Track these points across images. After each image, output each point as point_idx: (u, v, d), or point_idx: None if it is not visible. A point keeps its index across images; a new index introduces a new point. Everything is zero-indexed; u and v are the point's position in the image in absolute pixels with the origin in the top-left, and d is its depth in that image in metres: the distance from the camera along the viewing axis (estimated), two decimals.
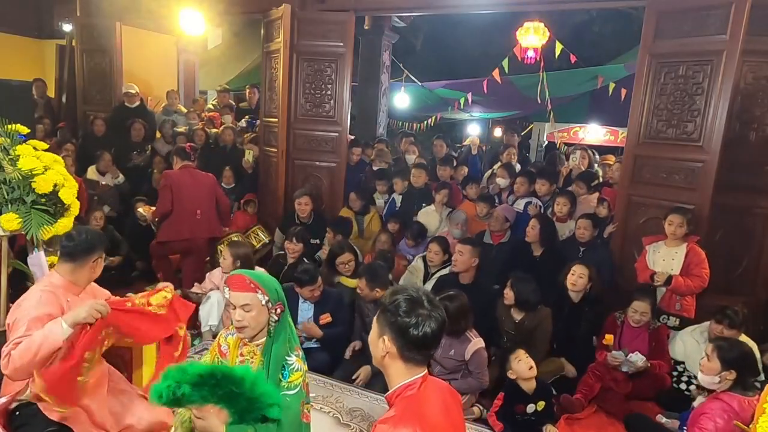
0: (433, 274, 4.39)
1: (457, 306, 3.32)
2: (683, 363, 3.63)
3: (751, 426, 2.25)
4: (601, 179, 5.63)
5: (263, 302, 1.98)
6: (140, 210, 5.33)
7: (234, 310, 1.99)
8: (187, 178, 4.81)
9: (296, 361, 2.03)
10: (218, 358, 2.17)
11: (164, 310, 2.46)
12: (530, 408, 3.15)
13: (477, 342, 3.40)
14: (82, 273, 2.44)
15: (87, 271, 2.45)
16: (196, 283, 4.42)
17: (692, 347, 3.53)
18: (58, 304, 2.31)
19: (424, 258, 4.50)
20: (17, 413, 2.31)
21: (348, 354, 3.87)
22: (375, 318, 1.63)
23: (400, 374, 1.58)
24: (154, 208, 5.13)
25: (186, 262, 4.98)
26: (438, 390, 1.64)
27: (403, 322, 1.53)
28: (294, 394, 1.97)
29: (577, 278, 3.77)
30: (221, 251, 4.27)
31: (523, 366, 3.14)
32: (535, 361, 3.22)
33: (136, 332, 2.36)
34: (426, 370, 1.63)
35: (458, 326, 3.38)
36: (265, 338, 2.05)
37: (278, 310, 2.02)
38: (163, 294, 2.51)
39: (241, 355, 2.10)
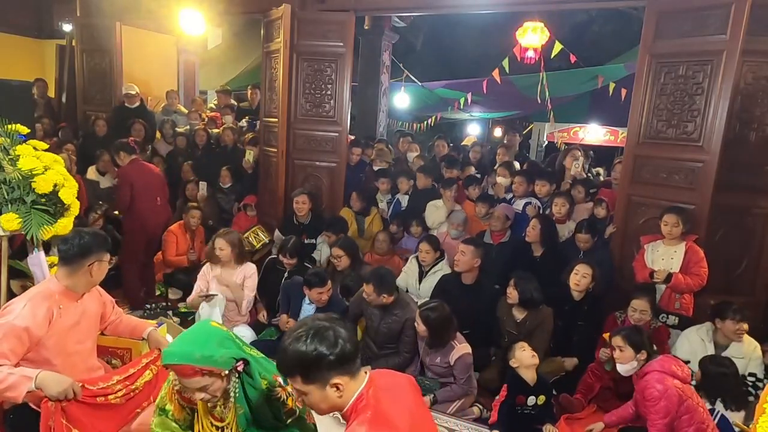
0: (428, 272, 4.39)
1: (437, 317, 3.31)
2: (689, 362, 3.62)
3: (751, 426, 2.25)
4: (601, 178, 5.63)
5: (222, 377, 1.84)
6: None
7: (196, 393, 1.83)
8: (141, 170, 4.96)
9: (281, 391, 1.97)
10: (179, 401, 2.03)
11: (140, 388, 2.40)
12: (531, 400, 3.17)
13: (461, 348, 3.40)
14: (78, 278, 2.34)
15: (84, 275, 2.35)
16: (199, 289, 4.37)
17: (698, 346, 3.52)
18: (46, 315, 2.23)
19: (417, 258, 4.49)
20: (11, 416, 2.31)
21: None
22: (300, 386, 1.58)
23: (352, 390, 1.61)
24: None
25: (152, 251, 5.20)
26: (387, 386, 1.67)
27: (338, 354, 1.54)
28: (300, 417, 1.96)
29: (581, 278, 3.77)
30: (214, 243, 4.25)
31: (526, 354, 3.17)
32: None
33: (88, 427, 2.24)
34: (367, 373, 1.66)
35: (441, 338, 3.38)
36: (233, 390, 1.91)
37: (240, 368, 1.87)
38: (149, 373, 2.44)
39: (213, 417, 1.96)
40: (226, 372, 1.82)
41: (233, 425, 1.92)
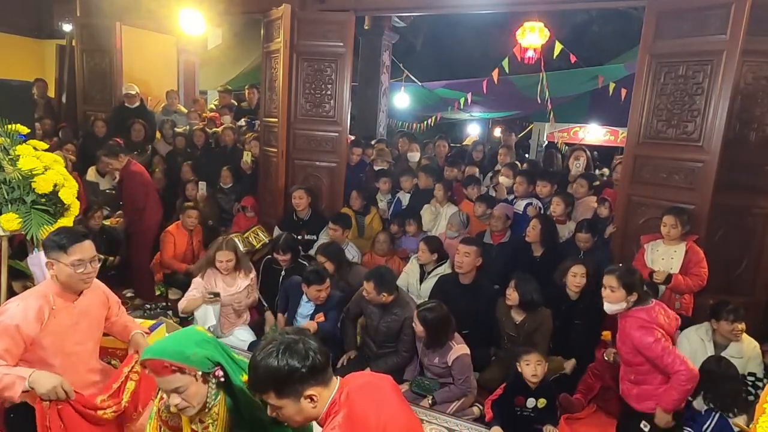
0: (429, 273, 4.38)
1: (435, 317, 3.31)
2: None
3: (751, 426, 2.25)
4: (604, 177, 5.64)
5: (196, 377, 1.76)
6: (106, 222, 5.32)
7: (170, 397, 1.75)
8: (143, 170, 5.12)
9: None
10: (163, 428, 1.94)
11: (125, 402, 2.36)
12: (530, 402, 3.16)
13: (458, 349, 3.39)
14: (54, 276, 2.30)
15: (52, 273, 2.29)
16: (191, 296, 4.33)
17: (697, 345, 3.50)
18: (38, 314, 2.21)
19: (418, 258, 4.47)
20: (12, 415, 2.30)
21: (340, 364, 3.82)
22: (274, 401, 1.57)
23: (326, 398, 1.63)
24: (117, 218, 5.35)
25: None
26: (360, 386, 1.69)
27: (309, 366, 1.56)
28: None
29: (579, 279, 3.77)
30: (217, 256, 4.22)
31: (529, 370, 3.14)
32: None
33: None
34: (338, 378, 1.68)
35: (438, 339, 3.38)
36: (217, 399, 1.83)
37: (219, 374, 1.79)
38: (132, 384, 2.40)
39: (201, 421, 1.85)
40: (200, 373, 1.76)
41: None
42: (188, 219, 5.15)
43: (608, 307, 2.96)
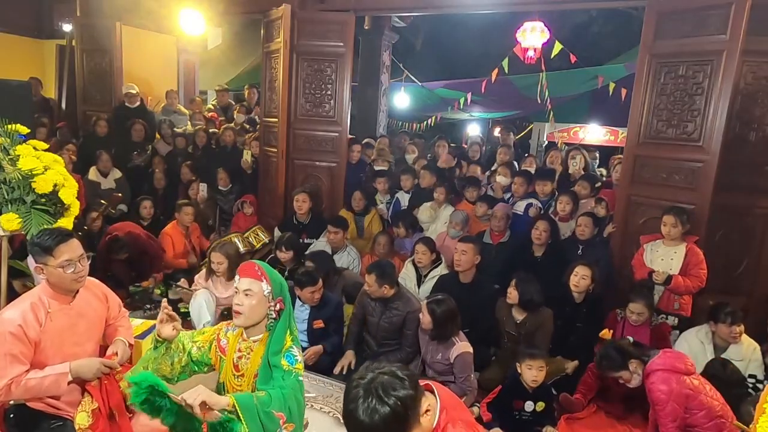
0: (426, 275, 4.33)
1: (444, 310, 3.31)
2: None
3: (751, 426, 2.25)
4: (604, 179, 5.65)
5: (265, 292, 2.02)
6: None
7: (236, 296, 2.04)
8: (139, 230, 5.07)
9: (299, 354, 2.08)
10: (218, 353, 2.19)
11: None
12: (529, 406, 3.15)
13: (461, 346, 3.39)
14: (46, 279, 2.26)
15: (42, 277, 2.27)
16: (183, 279, 4.50)
17: (697, 348, 3.49)
18: (35, 316, 2.19)
19: (413, 262, 4.41)
20: (12, 415, 2.30)
21: (337, 371, 3.73)
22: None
23: (434, 403, 1.51)
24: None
25: None
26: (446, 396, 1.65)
27: (412, 382, 1.42)
28: (301, 380, 2.04)
29: (579, 279, 3.76)
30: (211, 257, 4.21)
31: (530, 375, 3.12)
32: None
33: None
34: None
35: (445, 331, 3.38)
36: (262, 335, 2.09)
37: (277, 306, 2.04)
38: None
39: (239, 350, 2.13)
40: (269, 291, 2.02)
41: (250, 377, 2.09)
42: (185, 216, 5.13)
43: (633, 385, 3.02)
